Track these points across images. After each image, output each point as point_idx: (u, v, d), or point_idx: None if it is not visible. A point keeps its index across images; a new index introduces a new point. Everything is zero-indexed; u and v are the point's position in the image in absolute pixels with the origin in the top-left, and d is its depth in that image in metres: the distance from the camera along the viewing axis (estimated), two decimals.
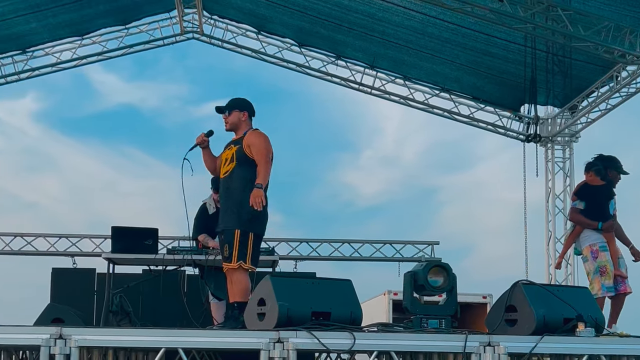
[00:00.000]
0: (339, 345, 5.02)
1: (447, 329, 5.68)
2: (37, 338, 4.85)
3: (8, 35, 11.79)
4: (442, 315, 5.77)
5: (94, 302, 9.98)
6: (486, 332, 5.62)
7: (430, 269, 5.84)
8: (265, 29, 13.13)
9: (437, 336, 5.35)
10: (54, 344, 4.83)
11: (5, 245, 13.12)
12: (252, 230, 6.20)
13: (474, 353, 5.08)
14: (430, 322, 5.67)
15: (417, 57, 12.23)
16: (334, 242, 13.74)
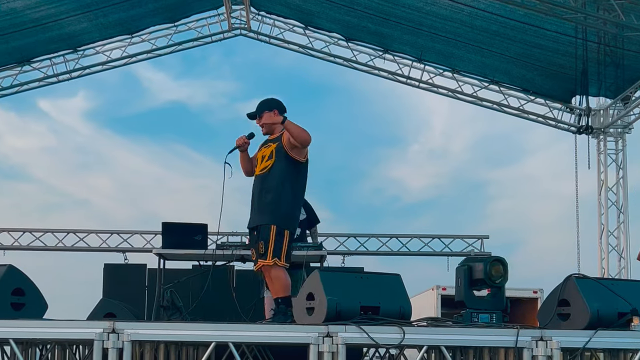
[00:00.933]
0: (388, 339, 4.99)
1: (498, 323, 5.62)
2: (91, 332, 4.91)
3: (60, 35, 11.99)
4: (493, 310, 5.70)
5: (145, 297, 10.08)
6: (538, 327, 5.54)
7: (489, 263, 5.77)
8: (312, 24, 13.13)
9: (488, 330, 5.29)
10: (107, 338, 4.89)
11: (58, 242, 13.38)
12: (288, 228, 6.20)
13: (526, 348, 5.01)
14: (481, 317, 5.61)
15: (465, 50, 12.12)
16: (382, 236, 13.70)
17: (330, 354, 4.86)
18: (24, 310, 5.44)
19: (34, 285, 5.80)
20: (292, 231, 6.29)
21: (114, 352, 4.87)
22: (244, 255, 8.05)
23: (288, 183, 6.20)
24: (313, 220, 8.67)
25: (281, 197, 6.17)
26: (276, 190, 6.21)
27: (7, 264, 5.65)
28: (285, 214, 6.17)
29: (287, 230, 6.20)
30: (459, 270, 5.88)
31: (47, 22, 11.30)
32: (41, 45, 12.24)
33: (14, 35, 11.42)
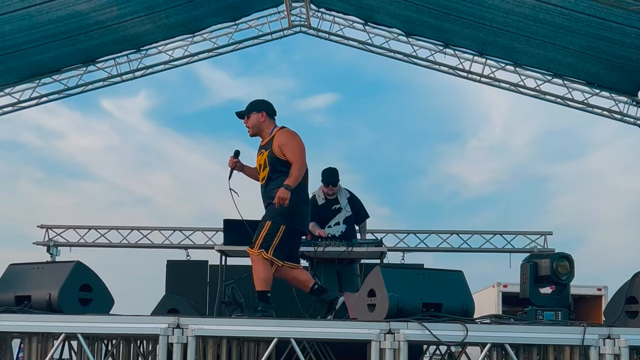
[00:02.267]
0: (450, 336, 4.96)
1: (563, 320, 5.52)
2: (156, 327, 5.00)
3: (124, 37, 12.17)
4: (558, 307, 5.60)
5: (206, 293, 10.19)
6: (605, 325, 5.43)
7: (555, 259, 5.68)
8: (372, 19, 13.08)
9: (553, 328, 5.21)
10: (172, 333, 4.96)
11: (123, 239, 13.62)
12: (285, 223, 6.21)
13: (593, 346, 4.92)
14: (545, 314, 5.53)
15: (528, 44, 11.92)
16: (442, 233, 13.58)
17: (392, 350, 4.85)
18: (91, 306, 5.55)
19: (100, 281, 5.92)
20: (291, 226, 6.28)
21: (178, 347, 4.94)
22: (304, 252, 8.08)
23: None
24: (362, 215, 8.66)
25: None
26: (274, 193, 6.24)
27: (75, 261, 5.78)
28: (283, 211, 6.17)
29: (284, 225, 6.21)
30: (524, 267, 5.80)
31: (112, 25, 11.49)
32: (106, 46, 12.45)
33: (80, 37, 11.64)
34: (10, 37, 10.95)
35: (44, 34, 11.08)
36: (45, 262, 7.08)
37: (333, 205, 8.46)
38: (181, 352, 4.96)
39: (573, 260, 5.72)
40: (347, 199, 8.50)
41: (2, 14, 10.08)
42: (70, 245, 13.55)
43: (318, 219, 8.38)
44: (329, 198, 8.46)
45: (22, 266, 5.82)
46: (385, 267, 5.76)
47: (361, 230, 8.70)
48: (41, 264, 6.17)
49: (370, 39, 13.45)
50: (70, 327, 5.16)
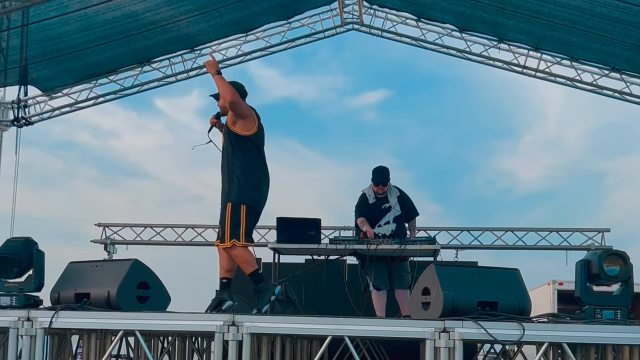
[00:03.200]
0: (507, 335, 4.91)
1: (623, 320, 5.41)
2: (212, 325, 5.05)
3: (178, 36, 12.30)
4: (617, 306, 5.49)
5: None
6: None
7: (605, 257, 5.56)
8: (425, 15, 12.99)
9: (613, 327, 5.11)
10: (227, 330, 5.00)
11: (177, 237, 13.78)
12: (244, 202, 6.16)
13: None
14: (604, 313, 5.41)
15: (584, 38, 11.71)
16: (497, 230, 13.42)
17: (447, 349, 4.81)
18: (148, 303, 5.62)
19: (157, 278, 5.99)
20: (251, 205, 6.22)
21: (234, 345, 4.98)
22: (356, 250, 8.07)
23: (237, 160, 6.24)
24: (411, 213, 8.61)
25: (233, 175, 6.21)
26: (228, 171, 6.27)
27: (133, 259, 5.86)
28: (238, 189, 6.15)
29: (244, 204, 6.15)
30: (577, 265, 5.71)
31: (166, 24, 11.62)
32: (160, 46, 12.60)
33: (135, 38, 11.81)
34: (68, 38, 11.16)
35: (101, 34, 11.28)
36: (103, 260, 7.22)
37: (383, 205, 8.43)
38: (237, 349, 5.00)
39: (626, 257, 5.58)
40: (397, 197, 8.45)
41: (60, 15, 10.29)
42: (126, 243, 13.75)
43: (369, 218, 8.38)
44: (379, 197, 8.43)
45: (81, 264, 5.92)
46: (440, 265, 5.71)
47: (410, 227, 8.66)
48: (100, 261, 6.28)
49: (423, 35, 13.37)
50: (128, 324, 5.24)
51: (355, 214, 8.52)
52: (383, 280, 8.25)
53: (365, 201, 8.48)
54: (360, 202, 8.54)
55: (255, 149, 6.37)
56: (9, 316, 5.29)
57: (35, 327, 5.22)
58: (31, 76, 11.21)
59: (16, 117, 12.08)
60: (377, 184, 8.37)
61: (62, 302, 5.57)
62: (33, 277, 5.67)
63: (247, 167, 6.26)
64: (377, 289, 8.24)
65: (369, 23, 13.62)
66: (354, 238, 8.46)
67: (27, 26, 9.90)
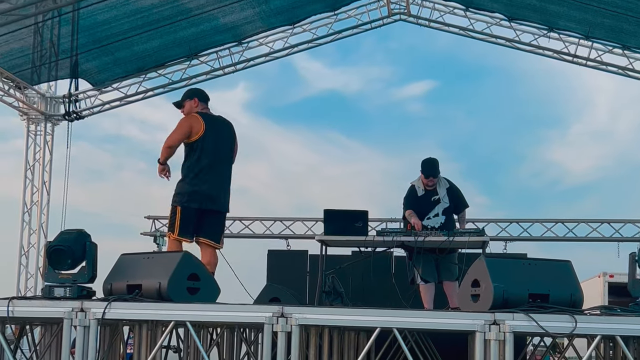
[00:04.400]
0: (558, 328, 4.84)
1: None
2: (261, 316, 5.07)
3: (224, 24, 12.33)
4: None
5: (306, 282, 10.29)
6: None
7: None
8: (473, 5, 12.86)
9: None
10: (276, 322, 5.03)
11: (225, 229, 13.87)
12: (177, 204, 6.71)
13: None
14: None
15: (637, 25, 11.48)
16: (547, 222, 13.28)
17: (497, 342, 4.77)
18: (198, 295, 5.67)
19: (207, 271, 6.04)
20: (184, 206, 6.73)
21: (283, 336, 5.00)
22: (404, 242, 8.05)
23: (183, 166, 6.87)
24: (461, 205, 8.54)
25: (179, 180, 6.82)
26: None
27: (183, 251, 5.93)
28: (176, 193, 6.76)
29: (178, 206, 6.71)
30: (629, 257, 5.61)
31: (211, 9, 11.65)
32: (207, 36, 12.65)
33: (181, 24, 11.85)
34: (116, 24, 11.27)
35: (147, 19, 11.37)
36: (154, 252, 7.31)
37: (432, 197, 8.38)
38: (285, 340, 5.03)
39: None
40: (447, 189, 8.40)
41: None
42: None
43: (417, 210, 8.34)
44: (428, 189, 8.39)
45: (132, 256, 5.99)
46: (490, 257, 5.65)
47: (460, 220, 8.60)
48: (151, 254, 6.35)
49: (471, 24, 13.24)
50: (179, 315, 5.29)
51: (404, 206, 8.51)
52: (431, 272, 8.22)
53: (414, 193, 8.44)
54: (408, 194, 8.51)
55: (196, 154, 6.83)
56: (63, 307, 5.37)
57: (89, 318, 5.30)
58: (81, 67, 11.36)
59: (67, 112, 12.27)
60: (427, 176, 8.33)
61: (114, 293, 5.64)
62: (86, 269, 5.76)
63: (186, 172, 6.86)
64: (425, 281, 8.21)
65: (417, 13, 13.52)
66: (401, 230, 8.43)
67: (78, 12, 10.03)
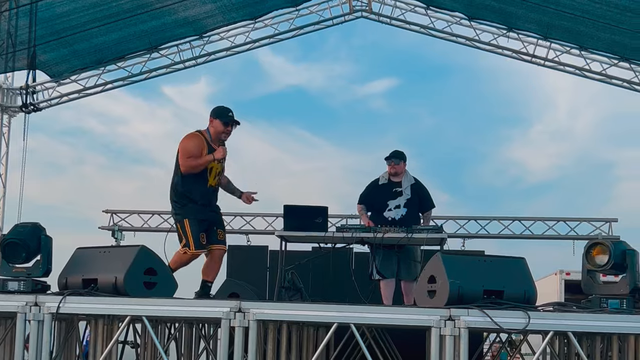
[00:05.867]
0: (512, 324, 4.92)
1: (628, 309, 5.41)
2: (219, 311, 5.08)
3: (185, 18, 12.24)
4: (623, 295, 5.50)
5: (266, 278, 10.28)
6: None
7: (589, 247, 5.59)
8: (434, 3, 12.95)
9: (618, 317, 5.12)
10: (234, 317, 5.03)
11: None
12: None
13: None
14: (610, 303, 5.43)
15: (594, 27, 11.66)
16: (504, 219, 13.42)
17: (452, 337, 4.83)
18: (155, 289, 5.65)
19: (164, 265, 6.02)
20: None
21: (240, 331, 5.00)
22: (363, 238, 8.07)
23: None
24: (426, 204, 8.59)
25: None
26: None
27: (140, 245, 5.89)
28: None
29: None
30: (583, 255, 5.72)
31: (172, 3, 11.56)
32: (168, 29, 12.55)
33: (142, 17, 11.73)
34: (75, 17, 11.12)
35: (107, 12, 11.24)
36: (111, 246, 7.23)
37: (394, 188, 8.42)
38: (243, 335, 5.03)
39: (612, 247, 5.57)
40: (412, 185, 8.45)
41: None
42: (134, 230, 13.78)
43: (376, 200, 8.42)
44: (392, 179, 8.42)
45: (89, 250, 5.95)
46: (446, 254, 5.72)
47: (425, 218, 8.63)
48: (107, 247, 6.30)
49: (432, 23, 13.32)
50: (135, 310, 5.27)
51: (359, 198, 8.58)
52: (389, 268, 8.25)
53: (375, 183, 8.50)
54: (367, 185, 8.57)
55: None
56: (16, 301, 5.32)
57: (43, 312, 5.25)
58: (39, 59, 11.19)
59: (24, 103, 12.08)
60: (390, 158, 8.37)
61: (69, 287, 5.60)
62: (41, 263, 5.70)
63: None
64: (381, 276, 8.26)
65: (378, 11, 13.57)
66: (360, 226, 8.46)
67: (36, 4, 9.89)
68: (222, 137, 6.87)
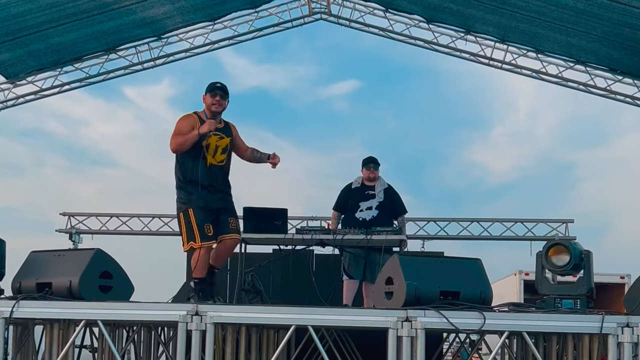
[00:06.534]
0: (468, 324, 4.96)
1: (582, 309, 5.50)
2: (175, 314, 5.04)
3: (143, 19, 12.15)
4: (577, 296, 5.58)
5: (226, 280, 10.24)
6: (624, 313, 5.40)
7: (549, 248, 5.67)
8: (392, 6, 13.01)
9: (571, 316, 5.19)
10: (191, 320, 5.00)
11: (144, 226, 13.69)
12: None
13: (611, 334, 4.89)
14: (564, 303, 5.51)
15: (550, 30, 11.82)
16: (463, 221, 13.52)
17: (409, 338, 4.85)
18: (111, 293, 5.60)
19: (121, 268, 5.97)
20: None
21: (197, 334, 4.98)
22: (323, 240, 8.09)
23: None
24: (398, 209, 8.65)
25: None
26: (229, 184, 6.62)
27: (96, 248, 5.83)
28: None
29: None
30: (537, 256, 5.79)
31: (130, 4, 11.47)
32: (126, 30, 12.45)
33: (99, 18, 11.62)
34: (31, 17, 10.97)
35: (64, 12, 11.08)
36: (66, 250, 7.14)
37: (367, 191, 8.50)
38: (200, 338, 5.00)
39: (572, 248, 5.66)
40: (385, 189, 8.54)
41: None
42: (92, 232, 13.63)
43: (350, 203, 8.50)
44: (365, 184, 8.51)
45: (43, 253, 5.88)
46: (404, 255, 5.76)
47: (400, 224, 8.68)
48: (62, 251, 6.23)
49: (391, 25, 13.39)
50: (90, 314, 5.22)
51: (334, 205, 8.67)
52: (358, 269, 8.29)
53: (348, 188, 8.59)
54: (341, 190, 8.65)
55: None
56: None
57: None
58: None
59: None
60: (367, 162, 8.48)
61: (23, 291, 5.52)
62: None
63: None
64: (349, 277, 8.30)
65: (337, 13, 13.61)
66: (320, 228, 8.47)
67: None
68: (213, 109, 6.51)
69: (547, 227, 13.09)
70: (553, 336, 5.66)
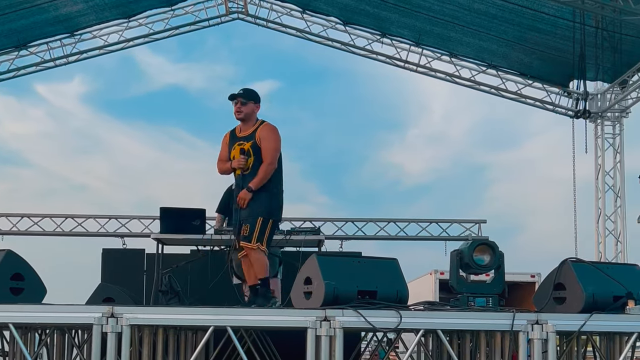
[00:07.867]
0: (385, 323, 5.03)
1: (494, 307, 5.65)
2: (90, 317, 4.94)
3: (56, 17, 11.91)
4: (489, 294, 5.73)
5: (143, 281, 10.09)
6: (534, 310, 5.57)
7: (475, 247, 5.79)
8: (309, 7, 13.08)
9: (484, 314, 5.33)
10: (106, 322, 4.92)
11: (57, 227, 13.39)
12: (272, 217, 6.32)
13: (522, 331, 5.04)
14: (477, 301, 5.65)
15: (463, 34, 12.10)
16: (380, 221, 13.70)
17: (328, 337, 4.89)
18: (23, 295, 5.46)
19: (32, 270, 5.82)
20: (276, 220, 6.45)
21: (112, 336, 4.90)
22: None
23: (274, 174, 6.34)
24: None
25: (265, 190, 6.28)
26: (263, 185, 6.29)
27: (6, 249, 5.68)
28: (270, 206, 6.29)
29: (272, 219, 6.31)
30: (451, 255, 5.91)
31: (43, 3, 11.22)
32: (38, 27, 12.17)
33: (10, 16, 11.35)
34: None
35: None
36: None
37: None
38: (115, 341, 4.92)
39: (495, 247, 5.82)
40: None
41: None
42: (2, 233, 13.26)
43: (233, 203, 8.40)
44: None
45: None
46: (322, 255, 5.80)
47: None
48: None
49: (308, 27, 13.47)
50: (1, 317, 5.07)
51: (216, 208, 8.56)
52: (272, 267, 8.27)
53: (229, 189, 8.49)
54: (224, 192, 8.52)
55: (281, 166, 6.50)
56: None
57: None
58: None
59: None
60: None
61: None
62: None
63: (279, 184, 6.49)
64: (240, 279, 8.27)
65: (254, 13, 13.60)
66: None
67: None
68: (236, 117, 6.47)
69: (461, 227, 13.39)
70: (467, 334, 5.79)
